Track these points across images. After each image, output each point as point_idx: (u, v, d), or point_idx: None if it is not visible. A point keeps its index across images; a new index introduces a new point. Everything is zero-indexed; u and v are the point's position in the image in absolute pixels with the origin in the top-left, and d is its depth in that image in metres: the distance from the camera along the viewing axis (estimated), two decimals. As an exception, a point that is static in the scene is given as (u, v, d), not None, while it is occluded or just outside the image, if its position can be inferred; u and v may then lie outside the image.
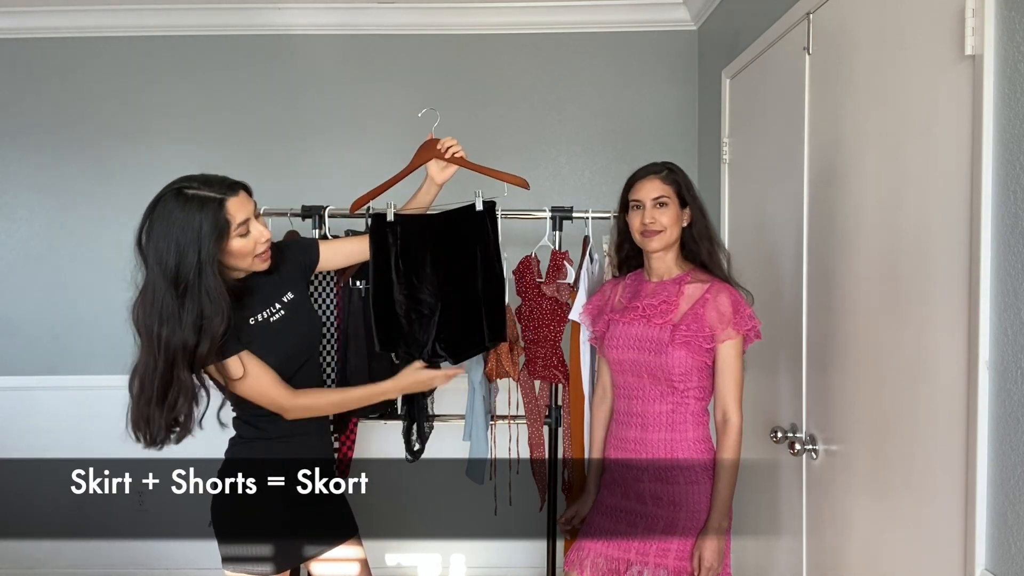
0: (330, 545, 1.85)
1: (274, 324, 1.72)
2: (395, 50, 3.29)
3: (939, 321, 1.45)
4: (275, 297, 1.75)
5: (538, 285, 2.32)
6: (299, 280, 1.85)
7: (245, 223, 1.59)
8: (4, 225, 3.33)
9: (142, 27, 3.26)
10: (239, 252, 1.60)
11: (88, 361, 3.34)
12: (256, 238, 1.62)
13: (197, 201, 1.53)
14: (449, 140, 2.01)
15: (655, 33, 3.28)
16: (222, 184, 1.58)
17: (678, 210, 1.81)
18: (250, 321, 1.68)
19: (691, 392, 1.78)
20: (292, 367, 1.75)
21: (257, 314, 1.70)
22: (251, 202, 1.62)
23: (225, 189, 1.57)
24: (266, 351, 1.68)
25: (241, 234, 1.59)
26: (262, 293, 1.72)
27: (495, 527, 3.26)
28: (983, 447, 1.32)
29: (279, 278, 1.78)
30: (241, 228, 1.58)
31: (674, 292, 1.80)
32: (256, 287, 1.71)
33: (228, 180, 1.60)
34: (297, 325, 1.77)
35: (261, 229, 1.64)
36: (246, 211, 1.59)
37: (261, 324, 1.70)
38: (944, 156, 1.43)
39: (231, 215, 1.56)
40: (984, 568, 1.32)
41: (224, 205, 1.55)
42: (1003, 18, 1.29)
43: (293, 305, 1.77)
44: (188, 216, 1.52)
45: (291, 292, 1.78)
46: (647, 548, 1.77)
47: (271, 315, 1.72)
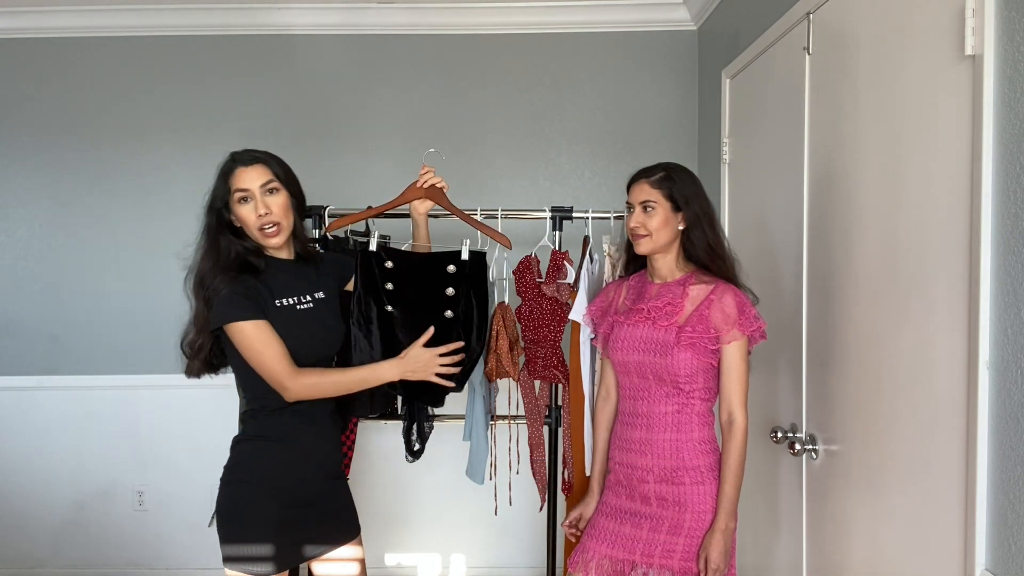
0: (333, 545, 1.85)
1: (299, 312, 1.79)
2: (395, 50, 3.30)
3: (939, 321, 1.45)
4: (308, 290, 1.84)
5: (538, 285, 2.32)
6: (334, 287, 1.94)
7: (244, 191, 1.73)
8: (4, 225, 3.34)
9: (142, 27, 3.26)
10: (243, 220, 1.75)
11: (88, 361, 3.34)
12: (253, 208, 1.74)
13: (225, 163, 1.79)
14: (425, 171, 2.04)
15: (655, 33, 3.28)
16: (245, 155, 1.77)
17: (669, 214, 1.78)
18: (276, 303, 1.76)
19: (696, 393, 1.77)
20: (303, 363, 1.76)
21: (285, 298, 1.79)
22: (264, 178, 1.75)
23: (243, 160, 1.76)
24: (284, 334, 1.73)
25: (238, 200, 1.74)
26: (296, 282, 1.83)
27: (495, 527, 3.26)
28: (983, 447, 1.32)
29: (317, 277, 1.89)
30: (238, 195, 1.74)
31: (679, 294, 1.80)
32: (291, 274, 1.83)
33: (254, 153, 1.78)
34: (320, 323, 1.83)
35: (258, 204, 1.74)
36: (249, 183, 1.73)
37: (287, 308, 1.78)
38: (944, 156, 1.43)
39: (232, 181, 1.74)
40: (984, 568, 1.32)
41: (233, 171, 1.75)
42: (1003, 18, 1.29)
43: (322, 303, 1.85)
44: (217, 174, 1.79)
45: (323, 292, 1.87)
46: (652, 549, 1.77)
47: (298, 303, 1.80)
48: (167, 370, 3.33)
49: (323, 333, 1.84)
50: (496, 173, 3.30)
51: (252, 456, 1.79)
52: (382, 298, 1.99)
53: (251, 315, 1.69)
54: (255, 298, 1.71)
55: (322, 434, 1.86)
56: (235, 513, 1.77)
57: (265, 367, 1.71)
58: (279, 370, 1.71)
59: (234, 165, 1.75)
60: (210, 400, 3.21)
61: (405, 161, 3.28)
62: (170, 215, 3.30)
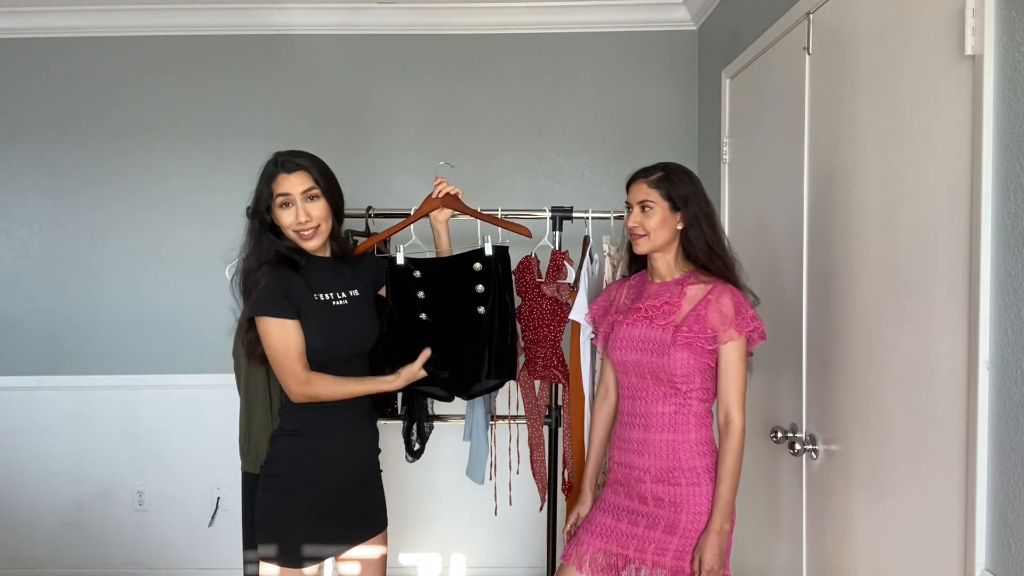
0: (363, 539, 1.91)
1: (335, 308, 1.86)
2: (395, 50, 3.29)
3: (939, 321, 1.45)
4: (345, 287, 1.91)
5: (538, 285, 2.32)
6: (370, 286, 2.01)
7: (285, 196, 1.80)
8: (4, 225, 3.34)
9: (142, 27, 3.26)
10: (281, 222, 1.82)
11: (88, 361, 3.34)
12: (294, 214, 1.80)
13: (267, 166, 1.84)
14: (438, 182, 2.12)
15: (655, 33, 3.28)
16: (288, 160, 1.82)
17: (667, 214, 1.78)
18: (315, 296, 1.83)
19: (694, 393, 1.77)
20: (337, 356, 1.84)
21: (323, 293, 1.86)
22: (306, 184, 1.81)
23: (285, 165, 1.81)
24: (315, 326, 1.79)
25: (280, 205, 1.81)
26: (334, 279, 1.90)
27: (495, 527, 3.26)
28: (983, 447, 1.32)
29: (353, 276, 1.96)
30: (280, 199, 1.80)
31: (676, 293, 1.80)
32: (330, 270, 1.90)
33: (296, 160, 1.83)
34: (354, 319, 1.89)
35: (299, 211, 1.80)
36: (291, 188, 1.79)
37: (324, 303, 1.85)
38: (944, 156, 1.43)
39: (274, 186, 1.80)
40: (984, 568, 1.32)
41: (275, 177, 1.80)
42: (1003, 18, 1.29)
43: (357, 301, 1.92)
44: (261, 175, 1.85)
45: (358, 291, 1.94)
46: (646, 545, 1.77)
47: (334, 299, 1.87)
48: (167, 370, 3.33)
49: (357, 329, 1.90)
50: (496, 173, 3.30)
51: (289, 451, 1.84)
52: (415, 307, 2.05)
53: (280, 313, 1.75)
54: (290, 294, 1.78)
55: (359, 426, 1.92)
56: (273, 508, 1.82)
57: (279, 366, 1.77)
58: (291, 372, 1.77)
59: (277, 170, 1.81)
60: (210, 400, 3.21)
61: (405, 161, 3.29)
62: (170, 215, 3.30)
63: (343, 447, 1.87)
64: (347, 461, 1.88)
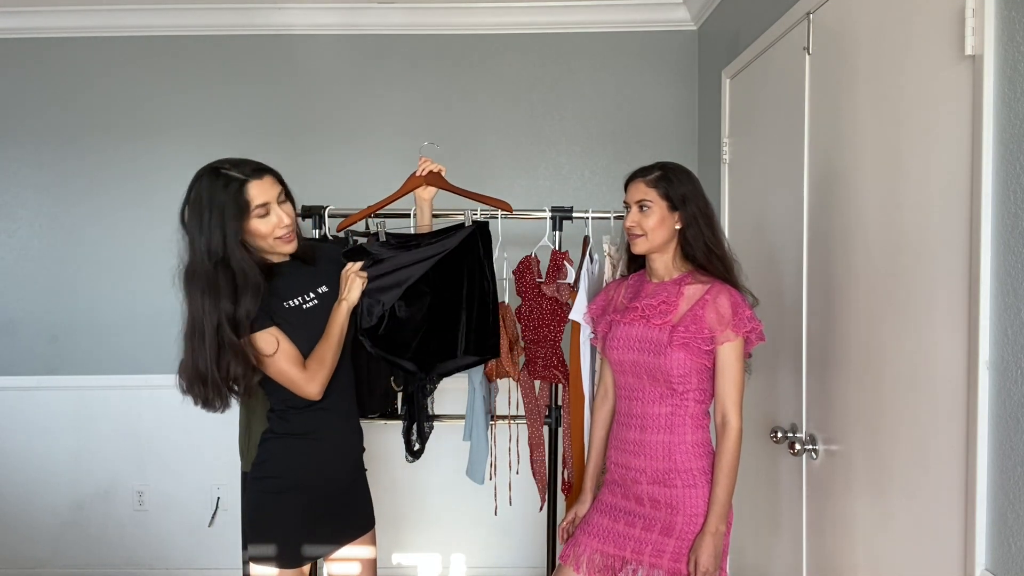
0: (352, 538, 1.90)
1: (307, 311, 1.81)
2: (395, 50, 3.30)
3: (939, 321, 1.45)
4: (311, 287, 1.84)
5: (538, 285, 2.32)
6: (334, 278, 1.93)
7: (264, 206, 1.68)
8: (4, 225, 3.34)
9: (142, 27, 3.26)
10: (258, 232, 1.69)
11: (87, 361, 3.34)
12: (275, 222, 1.70)
13: (224, 180, 1.66)
14: (423, 160, 2.09)
15: (655, 33, 3.28)
16: (249, 167, 1.69)
17: (665, 213, 1.77)
18: (284, 304, 1.77)
19: (691, 394, 1.77)
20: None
21: (292, 299, 1.79)
22: (276, 187, 1.71)
23: (250, 172, 1.68)
24: (295, 336, 1.75)
25: (259, 215, 1.68)
26: (299, 281, 1.83)
27: (495, 527, 3.26)
28: (983, 447, 1.32)
29: (315, 271, 1.87)
30: (260, 210, 1.67)
31: (674, 293, 1.79)
32: (293, 274, 1.82)
33: (256, 164, 1.71)
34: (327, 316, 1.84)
35: (281, 214, 1.71)
36: (267, 195, 1.68)
37: (294, 309, 1.79)
38: (944, 156, 1.43)
39: (251, 196, 1.66)
40: (984, 568, 1.32)
41: (246, 186, 1.66)
42: (1003, 18, 1.29)
43: (326, 297, 1.86)
44: (216, 194, 1.65)
45: (326, 286, 1.87)
46: (643, 547, 1.77)
47: (304, 302, 1.81)
48: (167, 370, 3.30)
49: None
50: (496, 173, 3.30)
51: (279, 453, 1.82)
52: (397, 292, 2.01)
53: (261, 324, 1.70)
54: (263, 305, 1.71)
55: (348, 426, 1.91)
56: (263, 509, 1.81)
57: (283, 375, 1.73)
58: (296, 375, 1.74)
59: (246, 179, 1.66)
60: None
61: (405, 161, 3.26)
62: (171, 215, 3.28)
63: (331, 447, 1.86)
64: (335, 460, 1.87)
